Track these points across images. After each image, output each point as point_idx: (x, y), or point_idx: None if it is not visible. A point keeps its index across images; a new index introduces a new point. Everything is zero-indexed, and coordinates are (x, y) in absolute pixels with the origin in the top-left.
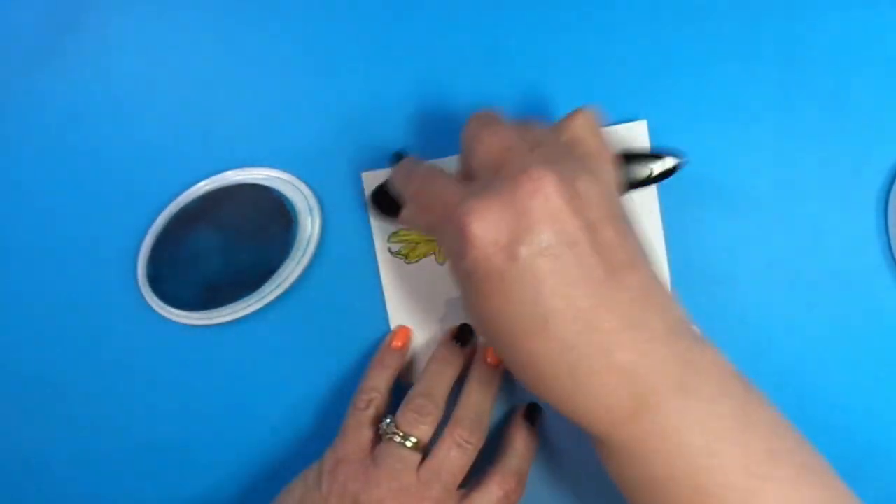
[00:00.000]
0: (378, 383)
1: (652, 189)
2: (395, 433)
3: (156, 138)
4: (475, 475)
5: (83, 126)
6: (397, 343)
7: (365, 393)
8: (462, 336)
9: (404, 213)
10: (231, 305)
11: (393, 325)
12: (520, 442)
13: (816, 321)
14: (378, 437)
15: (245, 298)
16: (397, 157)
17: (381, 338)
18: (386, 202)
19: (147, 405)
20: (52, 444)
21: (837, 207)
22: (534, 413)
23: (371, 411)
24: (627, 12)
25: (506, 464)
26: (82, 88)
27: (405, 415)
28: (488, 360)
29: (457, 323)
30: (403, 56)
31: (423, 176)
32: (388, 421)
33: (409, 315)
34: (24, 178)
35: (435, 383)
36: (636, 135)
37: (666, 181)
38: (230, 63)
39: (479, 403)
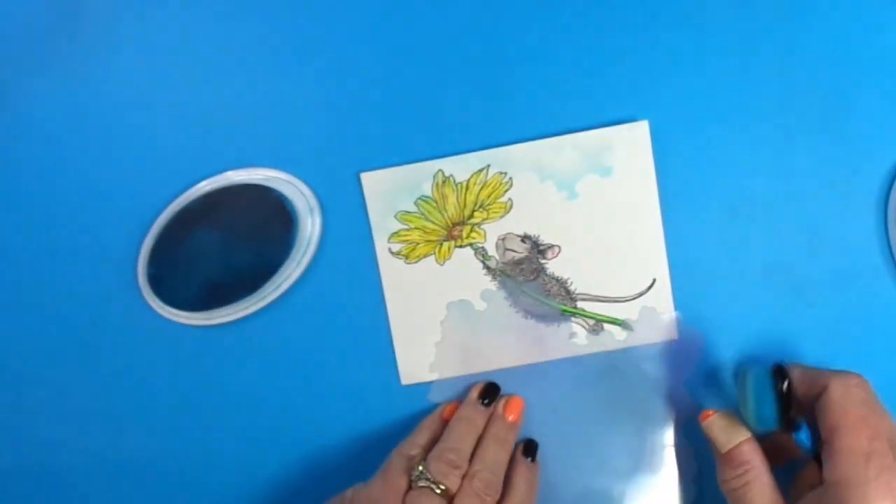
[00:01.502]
0: (423, 442)
1: (652, 188)
2: (427, 479)
3: (156, 138)
4: None
5: (83, 126)
6: (448, 416)
7: (412, 447)
8: (488, 395)
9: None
10: (231, 305)
11: (393, 325)
12: (522, 482)
13: (816, 321)
14: (409, 484)
15: (245, 298)
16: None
17: (380, 338)
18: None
19: (147, 405)
20: (51, 443)
21: (837, 207)
22: (531, 448)
23: (411, 463)
24: (628, 13)
25: None
26: (82, 89)
27: (438, 465)
28: (508, 417)
29: (458, 321)
30: (404, 56)
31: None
32: (421, 468)
33: (409, 315)
34: (24, 179)
35: (463, 441)
36: (637, 135)
37: (666, 180)
38: (230, 63)
39: (496, 457)
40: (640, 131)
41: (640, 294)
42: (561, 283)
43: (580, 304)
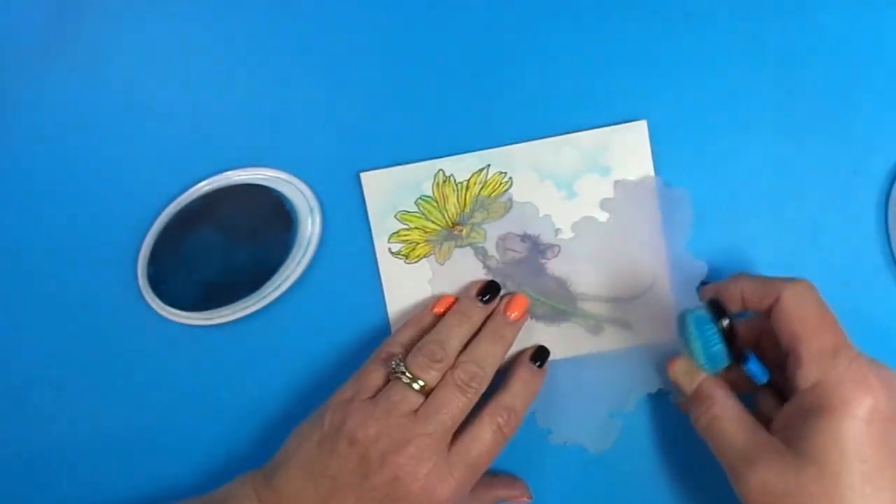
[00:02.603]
0: (405, 339)
1: (652, 188)
2: (403, 373)
3: (156, 138)
4: None
5: (83, 126)
6: (438, 309)
7: (390, 346)
8: (486, 292)
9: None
10: (231, 305)
11: (393, 325)
12: (517, 382)
13: None
14: (386, 380)
15: (245, 298)
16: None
17: (380, 338)
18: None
19: (147, 405)
20: (51, 444)
21: (837, 207)
22: (541, 354)
23: (390, 359)
24: (628, 12)
25: (498, 399)
26: (82, 89)
27: (416, 358)
28: (508, 313)
29: None
30: (403, 56)
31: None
32: (398, 361)
33: (409, 315)
34: (24, 179)
35: (451, 334)
36: (636, 135)
37: (665, 180)
38: (230, 63)
39: (487, 352)
40: (638, 131)
41: (640, 294)
42: (561, 283)
43: (580, 304)
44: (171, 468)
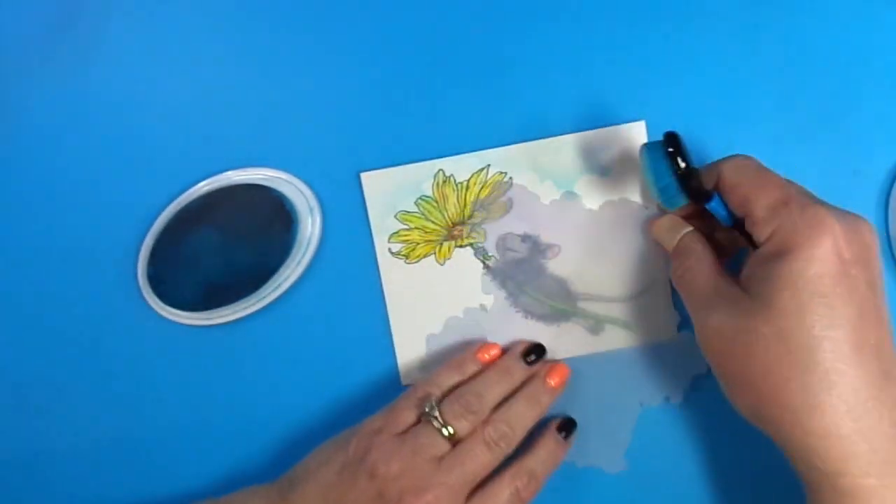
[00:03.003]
0: (444, 382)
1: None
2: (435, 418)
3: (156, 138)
4: None
5: (83, 127)
6: (481, 355)
7: (428, 386)
8: (532, 353)
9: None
10: (231, 305)
11: (393, 325)
12: (543, 450)
13: None
14: (418, 420)
15: (245, 298)
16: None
17: (380, 337)
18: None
19: (147, 405)
20: (52, 444)
21: None
22: (568, 426)
23: (425, 399)
24: (628, 13)
25: (521, 463)
26: (82, 89)
27: (452, 405)
28: (549, 380)
29: (459, 321)
30: (403, 56)
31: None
32: (433, 404)
33: (409, 315)
34: (24, 179)
35: (490, 389)
36: (636, 135)
37: None
38: (230, 63)
39: (521, 414)
40: (637, 131)
41: (640, 294)
42: (561, 283)
43: (580, 304)
44: (172, 468)
